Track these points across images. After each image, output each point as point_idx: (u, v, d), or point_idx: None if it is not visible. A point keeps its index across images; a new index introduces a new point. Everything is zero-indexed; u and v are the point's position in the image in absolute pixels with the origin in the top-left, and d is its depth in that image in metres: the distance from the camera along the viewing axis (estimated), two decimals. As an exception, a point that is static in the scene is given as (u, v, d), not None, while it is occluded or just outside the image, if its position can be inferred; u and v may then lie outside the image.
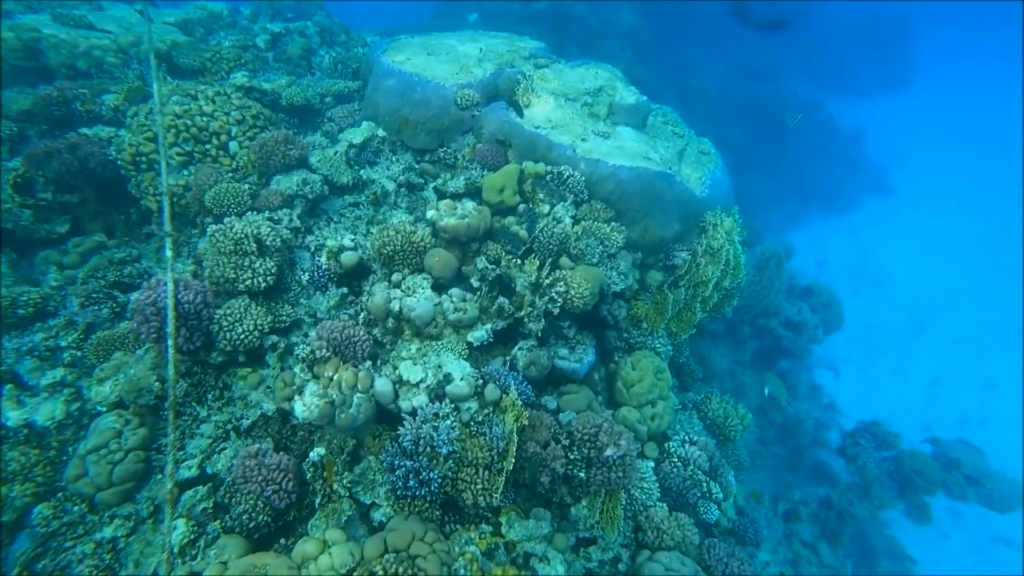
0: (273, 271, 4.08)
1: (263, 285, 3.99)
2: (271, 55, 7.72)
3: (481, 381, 3.84)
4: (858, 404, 12.09)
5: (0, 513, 3.50)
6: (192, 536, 3.17)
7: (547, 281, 4.21)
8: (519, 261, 4.35)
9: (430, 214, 4.65)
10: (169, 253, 3.81)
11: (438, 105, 5.47)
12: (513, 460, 3.27)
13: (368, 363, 3.87)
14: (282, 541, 3.20)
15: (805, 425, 10.61)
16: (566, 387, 4.28)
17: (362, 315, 4.24)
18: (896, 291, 18.08)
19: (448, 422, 3.48)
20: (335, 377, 3.61)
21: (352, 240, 4.59)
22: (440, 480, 3.32)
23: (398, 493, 3.30)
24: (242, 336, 3.75)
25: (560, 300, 4.18)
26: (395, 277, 4.30)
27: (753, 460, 10.02)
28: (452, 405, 3.62)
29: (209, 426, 3.73)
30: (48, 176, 4.97)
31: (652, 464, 4.20)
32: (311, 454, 3.29)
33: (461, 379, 3.72)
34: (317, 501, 3.20)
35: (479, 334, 3.98)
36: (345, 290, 4.51)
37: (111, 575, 3.31)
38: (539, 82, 5.94)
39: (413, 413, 3.57)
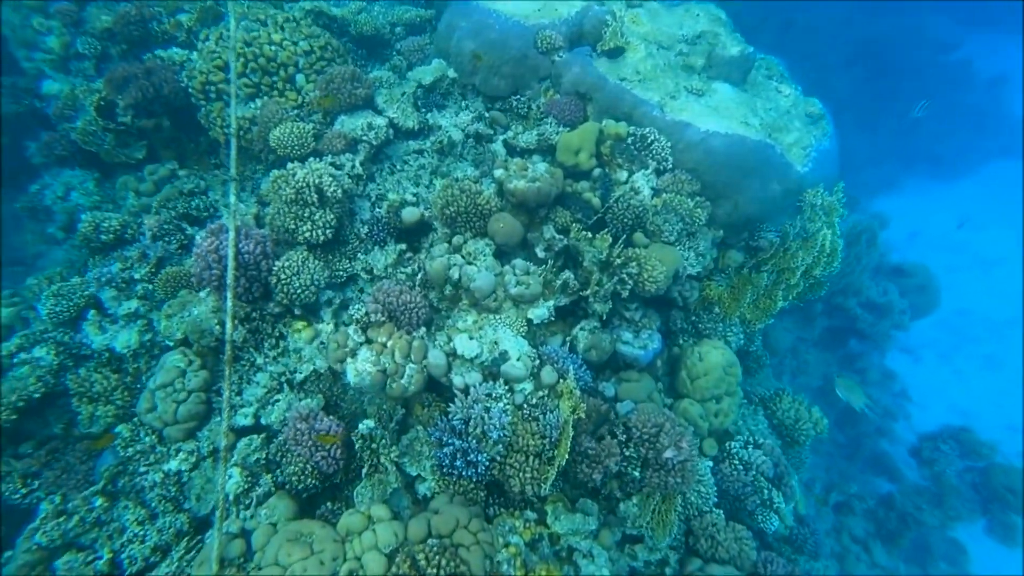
0: (333, 223, 3.94)
1: (322, 238, 3.87)
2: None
3: (538, 362, 3.66)
4: (936, 396, 11.21)
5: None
6: (246, 486, 3.27)
7: (618, 260, 3.87)
8: (589, 234, 4.01)
9: (498, 173, 4.33)
10: (233, 199, 3.72)
11: (516, 47, 4.97)
12: (567, 455, 3.12)
13: (423, 330, 3.75)
14: (328, 505, 3.26)
15: (871, 413, 10.00)
16: (626, 373, 4.03)
17: (419, 276, 4.09)
18: (1001, 274, 16.18)
19: (501, 404, 3.35)
20: (389, 344, 3.52)
21: (414, 195, 4.37)
22: (488, 463, 3.23)
23: (444, 470, 3.25)
24: (299, 291, 3.69)
25: (631, 282, 3.85)
26: (456, 240, 4.07)
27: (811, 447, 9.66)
28: (506, 386, 3.47)
29: (265, 376, 3.77)
30: (127, 101, 4.96)
31: (710, 463, 3.97)
32: (360, 426, 3.26)
33: (518, 359, 3.54)
34: (364, 471, 3.20)
35: (540, 312, 3.75)
36: (404, 246, 4.34)
37: (176, 506, 3.51)
38: (630, 25, 5.27)
39: (465, 390, 3.45)
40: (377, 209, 4.45)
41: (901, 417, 10.16)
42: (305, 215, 3.84)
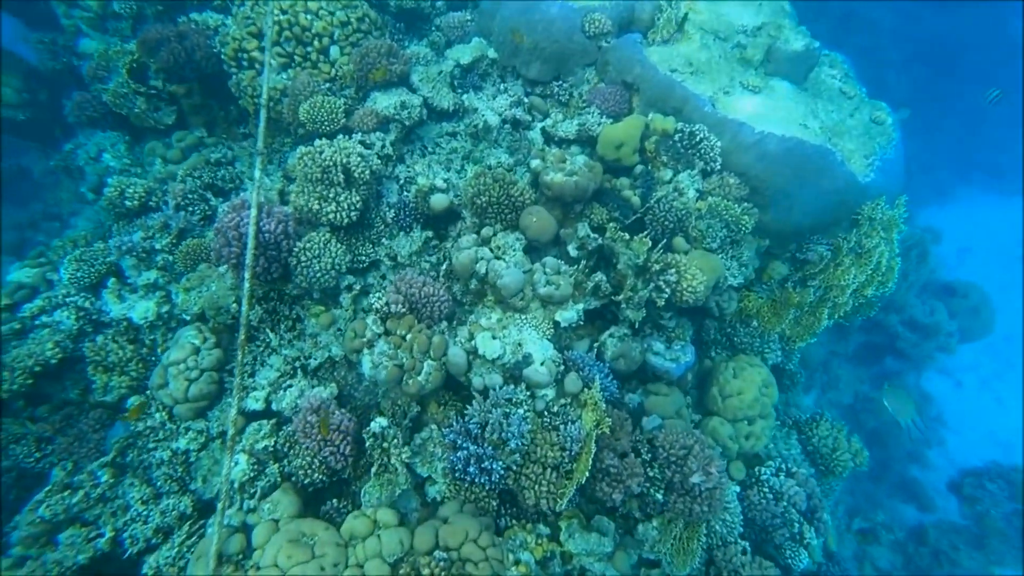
0: (358, 206, 3.77)
1: (346, 221, 3.71)
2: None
3: (563, 367, 3.45)
4: (974, 424, 10.63)
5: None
6: (252, 474, 3.17)
7: (656, 266, 3.62)
8: (626, 235, 3.76)
9: (534, 163, 4.09)
10: (258, 173, 3.56)
11: (561, 29, 4.68)
12: (587, 472, 2.92)
13: (444, 324, 3.58)
14: (334, 502, 3.14)
15: (902, 436, 9.55)
16: (654, 385, 3.80)
17: (444, 266, 3.90)
18: None
19: (521, 411, 3.16)
20: (408, 337, 3.36)
21: (444, 180, 4.16)
22: (503, 471, 3.06)
23: (457, 475, 3.09)
24: (318, 275, 3.54)
25: (667, 291, 3.60)
26: (485, 232, 3.86)
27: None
28: (528, 392, 3.28)
29: (279, 359, 3.66)
30: (158, 64, 4.85)
31: (737, 488, 3.73)
32: (373, 424, 3.12)
33: (542, 363, 3.34)
34: (373, 470, 3.06)
35: (569, 315, 3.53)
36: (430, 233, 4.16)
37: (181, 487, 3.44)
38: (686, 12, 4.91)
39: (484, 392, 3.28)
40: (405, 193, 4.26)
41: (935, 443, 9.68)
42: (330, 195, 3.67)
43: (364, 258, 3.89)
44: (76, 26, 6.27)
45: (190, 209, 4.56)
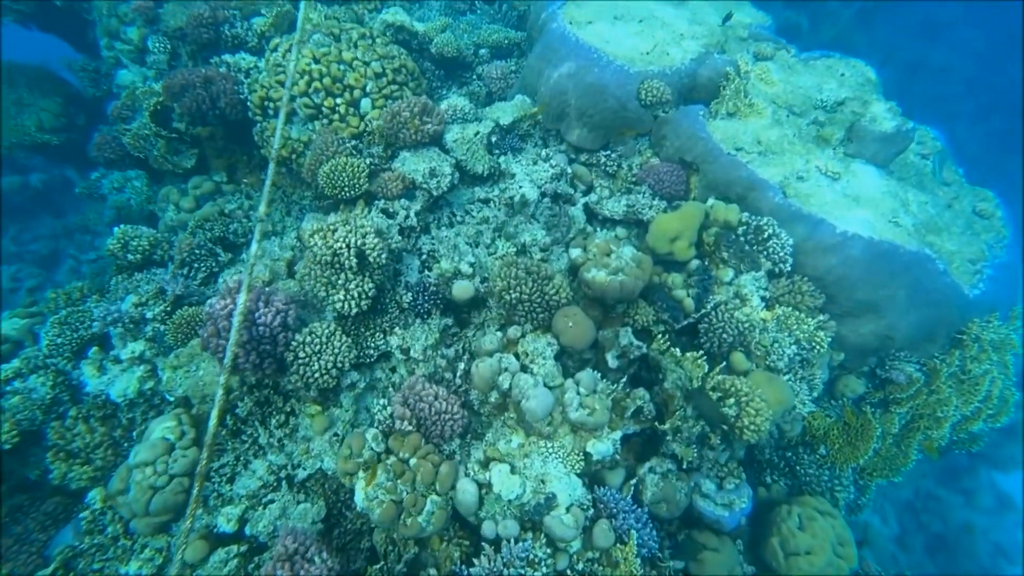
0: (370, 293, 3.30)
1: (355, 311, 3.23)
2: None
3: (592, 511, 2.87)
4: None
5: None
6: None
7: (713, 395, 3.01)
8: (677, 352, 3.17)
9: (574, 253, 3.57)
10: (254, 248, 3.10)
11: (615, 96, 4.19)
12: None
13: (455, 443, 3.05)
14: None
15: (976, 546, 8.47)
16: (702, 534, 3.16)
17: (462, 366, 3.38)
18: None
19: (540, 575, 2.58)
20: (412, 462, 2.83)
21: (471, 265, 3.67)
22: (509, 653, 2.47)
23: (453, 650, 2.52)
24: (317, 375, 3.06)
25: (724, 426, 2.98)
26: (512, 332, 3.34)
27: (884, 567, 8.24)
28: (548, 549, 2.69)
29: (262, 465, 3.17)
30: (181, 109, 4.57)
31: None
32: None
33: (567, 509, 2.77)
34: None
35: (603, 447, 2.95)
36: (450, 321, 3.66)
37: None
38: (757, 82, 4.37)
39: (496, 544, 2.71)
40: (426, 272, 3.79)
41: (1020, 561, 8.54)
42: (339, 282, 3.21)
43: (373, 351, 3.41)
44: (116, 57, 6.14)
45: (196, 266, 4.19)
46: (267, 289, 3.10)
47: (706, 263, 3.68)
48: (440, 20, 5.54)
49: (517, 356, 3.26)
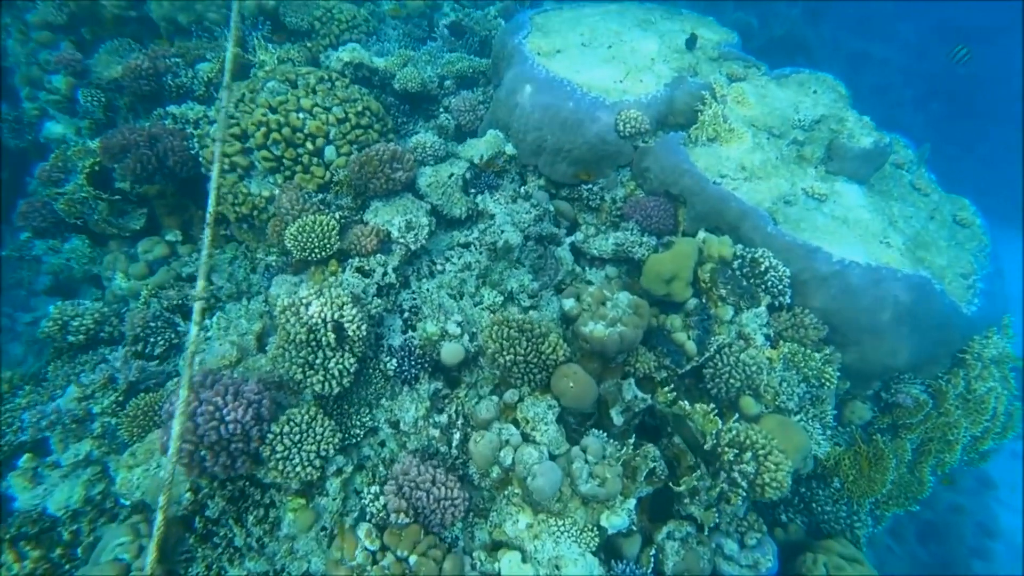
0: (352, 369, 3.01)
1: (336, 390, 2.94)
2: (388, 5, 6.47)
3: (613, 592, 2.65)
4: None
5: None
6: None
7: (729, 454, 2.84)
8: (685, 404, 2.99)
9: (567, 304, 3.36)
10: (194, 331, 2.74)
11: (592, 130, 4.02)
12: None
13: (458, 527, 2.79)
14: None
15: (961, 527, 8.59)
16: (726, 597, 2.97)
17: (457, 436, 3.13)
18: None
19: None
20: (412, 559, 2.56)
21: (458, 324, 3.42)
22: None
23: None
24: (299, 468, 2.76)
25: (744, 484, 2.81)
26: (509, 396, 3.10)
27: (881, 560, 8.25)
28: (571, 646, 2.46)
29: (240, 575, 2.84)
30: (124, 172, 4.17)
31: None
32: None
33: (587, 597, 2.54)
34: None
35: (618, 521, 2.74)
36: (440, 384, 3.40)
37: None
38: (734, 105, 4.27)
39: (514, 646, 2.46)
40: (410, 333, 3.51)
41: (1000, 537, 8.71)
42: (317, 362, 2.92)
43: (359, 429, 3.12)
44: (41, 108, 5.66)
45: (152, 340, 3.82)
46: (234, 379, 2.78)
47: (704, 301, 3.53)
48: (400, 54, 5.29)
49: (516, 423, 3.03)
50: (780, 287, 3.42)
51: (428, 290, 3.79)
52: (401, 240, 3.68)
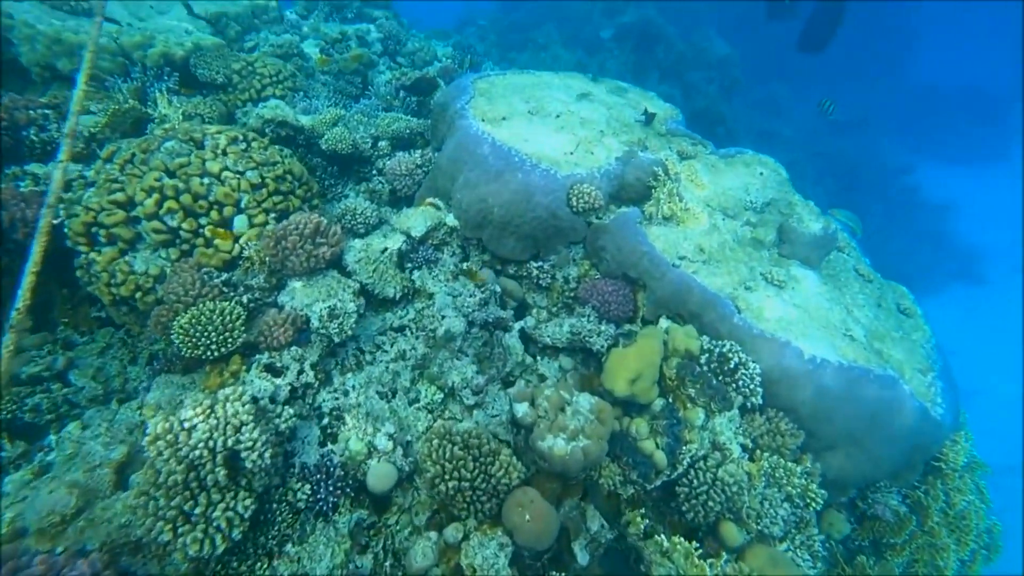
0: (249, 512, 2.32)
1: (222, 548, 2.23)
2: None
3: None
4: None
5: None
6: None
7: (718, 602, 2.38)
8: (662, 540, 2.53)
9: (520, 411, 2.87)
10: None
11: (543, 204, 3.67)
12: None
13: None
14: None
15: None
16: None
17: (387, 587, 2.47)
18: (979, 407, 15.45)
19: None
20: None
21: (389, 437, 2.83)
22: None
23: None
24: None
25: (737, 641, 2.35)
26: (451, 534, 2.51)
27: None
28: None
29: None
30: (-45, 245, 3.33)
31: None
32: None
33: None
34: None
35: None
36: (363, 513, 2.75)
37: None
38: (688, 184, 4.10)
39: None
40: (330, 447, 2.87)
41: None
42: (197, 511, 2.21)
43: (253, 591, 2.39)
44: None
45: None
46: (55, 559, 2.02)
47: (671, 401, 3.14)
48: (330, 112, 4.82)
49: (461, 571, 2.43)
50: (752, 386, 3.11)
51: (354, 386, 3.18)
52: (323, 331, 3.08)
